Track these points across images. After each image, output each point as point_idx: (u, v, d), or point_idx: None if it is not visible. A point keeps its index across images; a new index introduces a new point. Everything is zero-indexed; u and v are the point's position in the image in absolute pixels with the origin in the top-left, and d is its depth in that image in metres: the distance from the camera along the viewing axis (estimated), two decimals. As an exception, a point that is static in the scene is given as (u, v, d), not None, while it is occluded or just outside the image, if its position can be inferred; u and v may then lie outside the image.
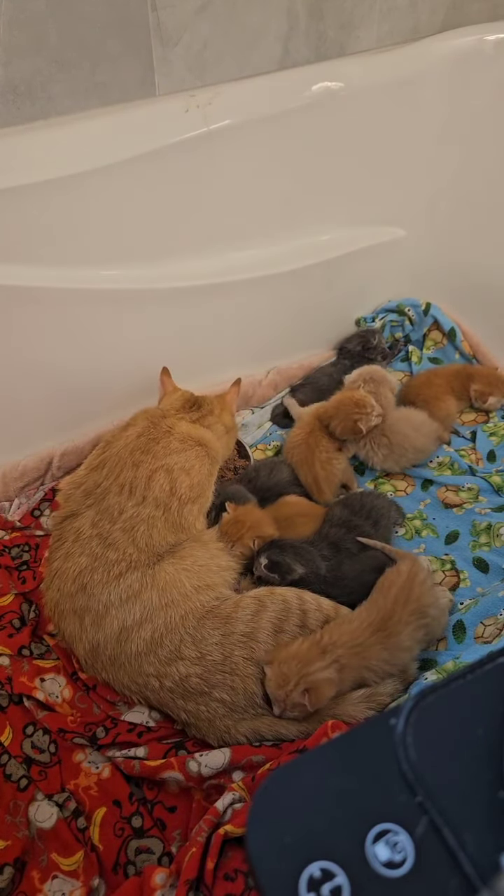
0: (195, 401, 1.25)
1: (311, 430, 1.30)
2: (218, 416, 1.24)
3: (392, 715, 0.37)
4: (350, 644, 0.92)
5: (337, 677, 0.90)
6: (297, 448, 1.30)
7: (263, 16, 1.18)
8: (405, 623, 0.93)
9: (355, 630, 0.93)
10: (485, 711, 0.37)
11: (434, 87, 1.34)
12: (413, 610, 0.94)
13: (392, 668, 0.94)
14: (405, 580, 0.97)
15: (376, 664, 0.93)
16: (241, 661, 0.94)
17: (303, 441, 1.30)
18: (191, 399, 1.25)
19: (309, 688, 0.87)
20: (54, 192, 1.08)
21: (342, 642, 0.92)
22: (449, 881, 0.31)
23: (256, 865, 0.33)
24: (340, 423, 1.26)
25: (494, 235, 1.46)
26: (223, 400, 1.29)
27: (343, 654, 0.91)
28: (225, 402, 1.29)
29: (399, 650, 0.94)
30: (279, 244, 1.38)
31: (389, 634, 0.93)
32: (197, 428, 1.18)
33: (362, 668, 0.92)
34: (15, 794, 0.92)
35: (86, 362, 1.29)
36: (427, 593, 0.97)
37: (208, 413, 1.23)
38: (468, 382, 1.43)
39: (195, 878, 0.77)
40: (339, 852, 0.33)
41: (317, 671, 0.88)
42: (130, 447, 1.09)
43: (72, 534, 1.03)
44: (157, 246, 1.25)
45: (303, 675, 0.88)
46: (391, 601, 0.95)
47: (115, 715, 1.00)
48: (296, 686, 0.87)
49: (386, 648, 0.93)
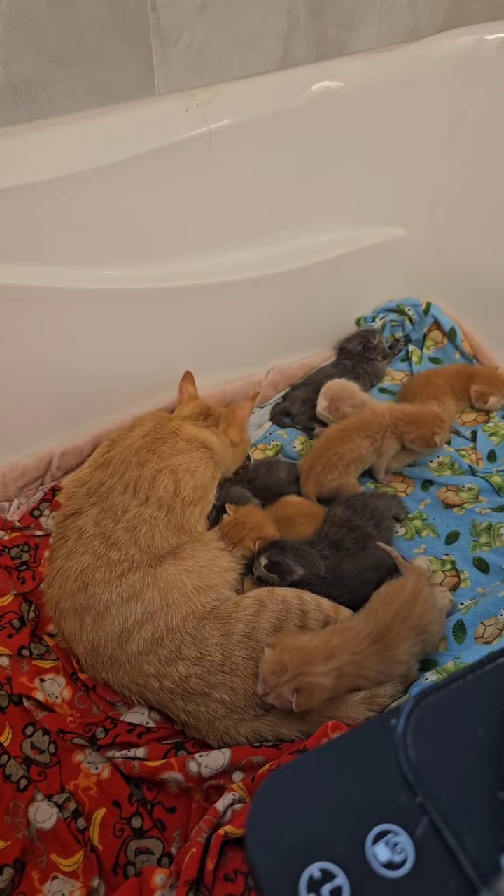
0: (207, 412, 1.25)
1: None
2: (223, 430, 1.24)
3: (392, 715, 0.37)
4: (351, 651, 0.91)
5: (332, 685, 0.88)
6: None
7: (263, 16, 1.18)
8: (403, 638, 0.93)
9: (355, 638, 0.93)
10: (485, 711, 0.36)
11: (434, 86, 1.34)
12: (413, 626, 0.94)
13: (385, 677, 0.93)
14: (409, 596, 0.95)
15: (371, 673, 0.92)
16: (241, 661, 0.94)
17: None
18: (204, 409, 1.25)
19: (301, 689, 0.86)
20: (54, 192, 1.08)
21: (347, 649, 0.91)
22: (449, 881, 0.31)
23: (256, 866, 0.33)
24: (418, 432, 1.26)
25: (495, 235, 1.46)
26: (234, 415, 1.28)
27: (346, 661, 0.90)
28: (236, 416, 1.29)
29: (395, 662, 0.93)
30: (279, 244, 1.38)
31: (387, 647, 0.92)
32: (203, 431, 1.18)
33: (358, 676, 0.92)
34: (14, 795, 0.91)
35: (85, 362, 1.29)
36: (429, 611, 0.96)
37: (213, 425, 1.23)
38: (468, 383, 1.43)
39: (195, 878, 0.77)
40: (339, 853, 0.33)
41: (316, 674, 0.87)
42: (136, 446, 1.09)
43: (74, 532, 1.03)
44: (156, 246, 1.25)
45: (300, 673, 0.86)
46: (391, 615, 0.94)
47: (115, 715, 1.00)
48: (289, 681, 0.86)
49: (382, 660, 0.92)
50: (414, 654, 0.95)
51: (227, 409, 1.29)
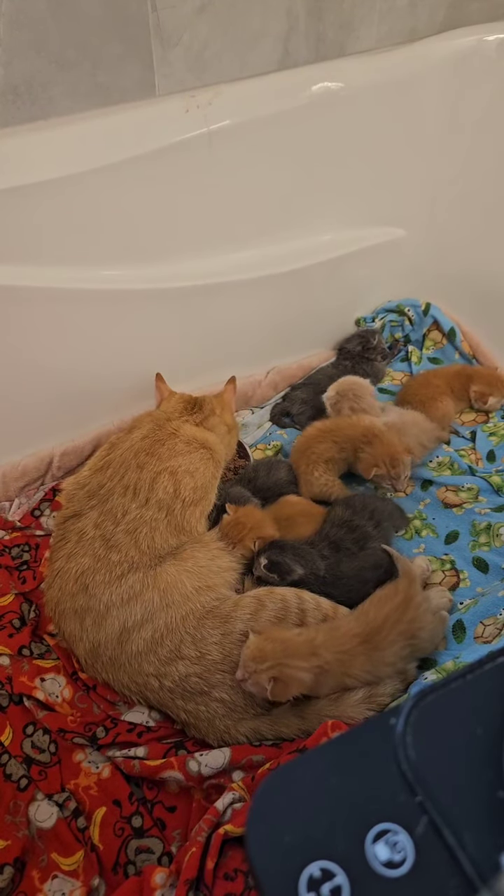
0: (196, 402, 1.25)
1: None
2: (220, 416, 1.24)
3: (392, 715, 0.37)
4: (337, 650, 0.92)
5: (311, 681, 0.89)
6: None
7: (263, 16, 1.18)
8: (392, 641, 0.93)
9: (342, 637, 0.93)
10: (485, 711, 0.37)
11: (434, 87, 1.34)
12: (402, 631, 0.94)
13: (374, 677, 0.93)
14: (400, 601, 0.96)
15: (358, 673, 0.92)
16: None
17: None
18: (191, 401, 1.25)
19: (277, 678, 0.86)
20: (54, 192, 1.08)
21: (333, 647, 0.92)
22: (449, 881, 0.31)
23: (256, 865, 0.33)
24: (368, 459, 1.22)
25: (495, 235, 1.46)
26: (222, 400, 1.29)
27: (330, 660, 0.90)
28: (224, 401, 1.29)
29: (382, 664, 0.93)
30: (279, 244, 1.38)
31: (375, 647, 0.92)
32: (202, 431, 1.19)
33: (343, 675, 0.92)
34: (15, 794, 0.91)
35: (86, 362, 1.29)
36: (420, 617, 0.96)
37: (210, 414, 1.23)
38: (468, 383, 1.43)
39: (195, 877, 0.77)
40: (338, 852, 0.33)
41: (295, 668, 0.88)
42: (135, 449, 1.10)
43: (74, 534, 1.03)
44: (157, 246, 1.25)
45: (279, 663, 0.87)
46: (382, 618, 0.94)
47: (115, 715, 1.00)
48: (268, 669, 0.87)
49: (370, 660, 0.92)
50: (402, 657, 0.94)
51: (213, 397, 1.29)
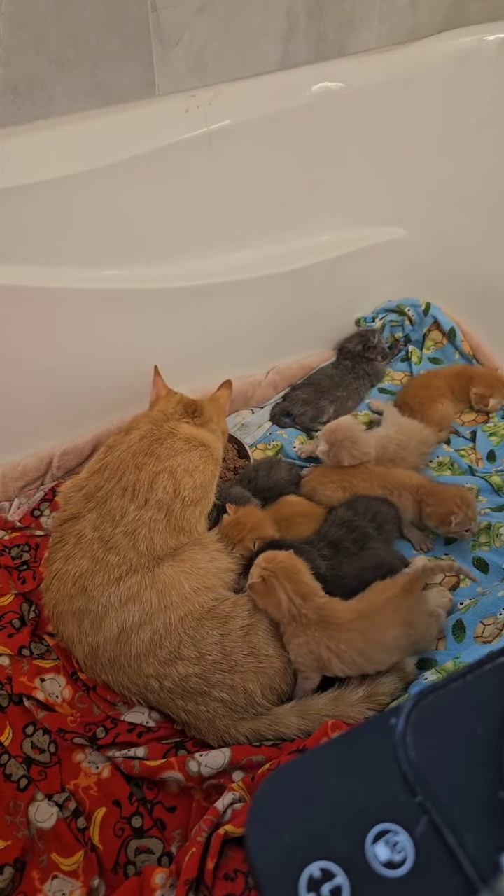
0: (194, 406, 1.24)
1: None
2: (217, 422, 1.24)
3: (392, 715, 0.37)
4: (323, 616, 0.94)
5: (286, 614, 0.95)
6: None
7: (263, 16, 1.18)
8: (393, 623, 0.93)
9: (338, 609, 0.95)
10: (485, 711, 0.37)
11: (434, 87, 1.34)
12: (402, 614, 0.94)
13: (365, 661, 0.92)
14: (400, 590, 0.97)
15: (348, 651, 0.92)
16: (240, 659, 0.94)
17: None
18: (189, 404, 1.24)
19: (266, 580, 0.96)
20: (54, 192, 1.08)
21: (325, 616, 0.94)
22: (449, 881, 0.31)
23: (256, 865, 0.33)
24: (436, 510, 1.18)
25: (495, 235, 1.46)
26: (218, 405, 1.28)
27: (308, 613, 0.94)
28: (220, 406, 1.28)
29: (378, 647, 0.92)
30: (279, 244, 1.38)
31: (372, 626, 0.93)
32: (200, 430, 1.18)
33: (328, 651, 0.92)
34: (15, 794, 0.91)
35: (86, 362, 1.29)
36: (417, 609, 0.96)
37: (209, 420, 1.23)
38: (468, 384, 1.43)
39: (195, 878, 0.77)
40: (338, 852, 0.33)
41: (284, 588, 0.95)
42: (133, 450, 1.09)
43: (73, 537, 1.03)
44: (156, 246, 1.25)
45: (278, 573, 0.96)
46: (382, 600, 0.96)
47: (115, 715, 1.00)
48: (265, 571, 0.97)
49: (365, 639, 0.92)
50: (400, 647, 0.94)
51: (209, 400, 1.28)
